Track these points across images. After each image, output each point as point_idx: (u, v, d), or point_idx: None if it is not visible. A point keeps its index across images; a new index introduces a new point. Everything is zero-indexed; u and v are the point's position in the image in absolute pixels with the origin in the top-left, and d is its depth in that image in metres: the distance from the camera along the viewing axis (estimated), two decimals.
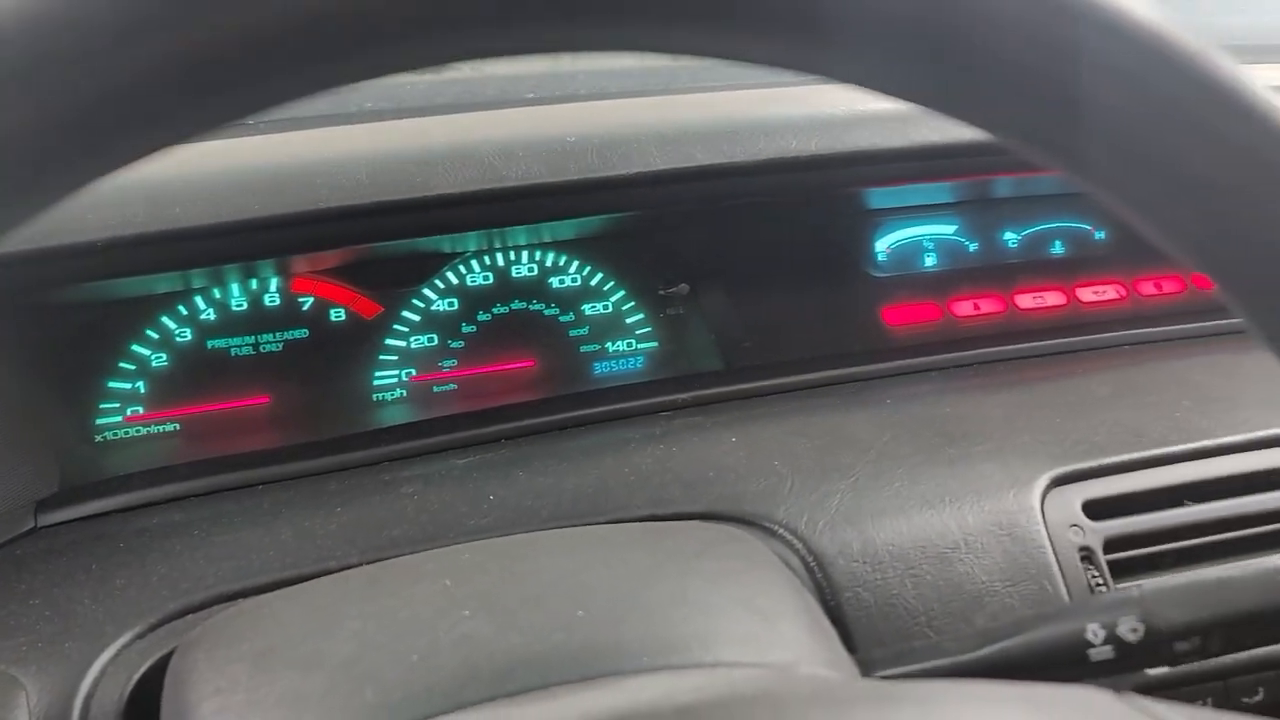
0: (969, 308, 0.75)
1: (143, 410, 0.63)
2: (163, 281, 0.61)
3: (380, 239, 0.59)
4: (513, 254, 0.67)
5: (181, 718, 0.37)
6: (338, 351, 0.65)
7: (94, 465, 0.60)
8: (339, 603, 0.40)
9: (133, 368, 0.62)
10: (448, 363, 0.67)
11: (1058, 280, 0.77)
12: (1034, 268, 0.77)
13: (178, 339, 0.63)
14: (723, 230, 0.69)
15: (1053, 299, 0.77)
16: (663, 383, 0.67)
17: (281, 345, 0.64)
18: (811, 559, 0.49)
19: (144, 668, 0.42)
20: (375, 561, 0.45)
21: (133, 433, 0.62)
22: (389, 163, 0.55)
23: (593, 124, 0.60)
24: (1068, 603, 0.47)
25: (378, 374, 0.66)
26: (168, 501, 0.54)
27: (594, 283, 0.69)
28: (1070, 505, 0.53)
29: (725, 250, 0.69)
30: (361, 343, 0.65)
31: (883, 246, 0.75)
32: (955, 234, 0.77)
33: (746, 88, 0.68)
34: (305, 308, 0.64)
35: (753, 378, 0.67)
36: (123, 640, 0.43)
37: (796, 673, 0.35)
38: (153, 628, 0.44)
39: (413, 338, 0.66)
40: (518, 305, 0.68)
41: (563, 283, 0.68)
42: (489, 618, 0.38)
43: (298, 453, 0.59)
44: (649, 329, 0.70)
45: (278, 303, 0.64)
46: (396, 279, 0.65)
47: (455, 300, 0.67)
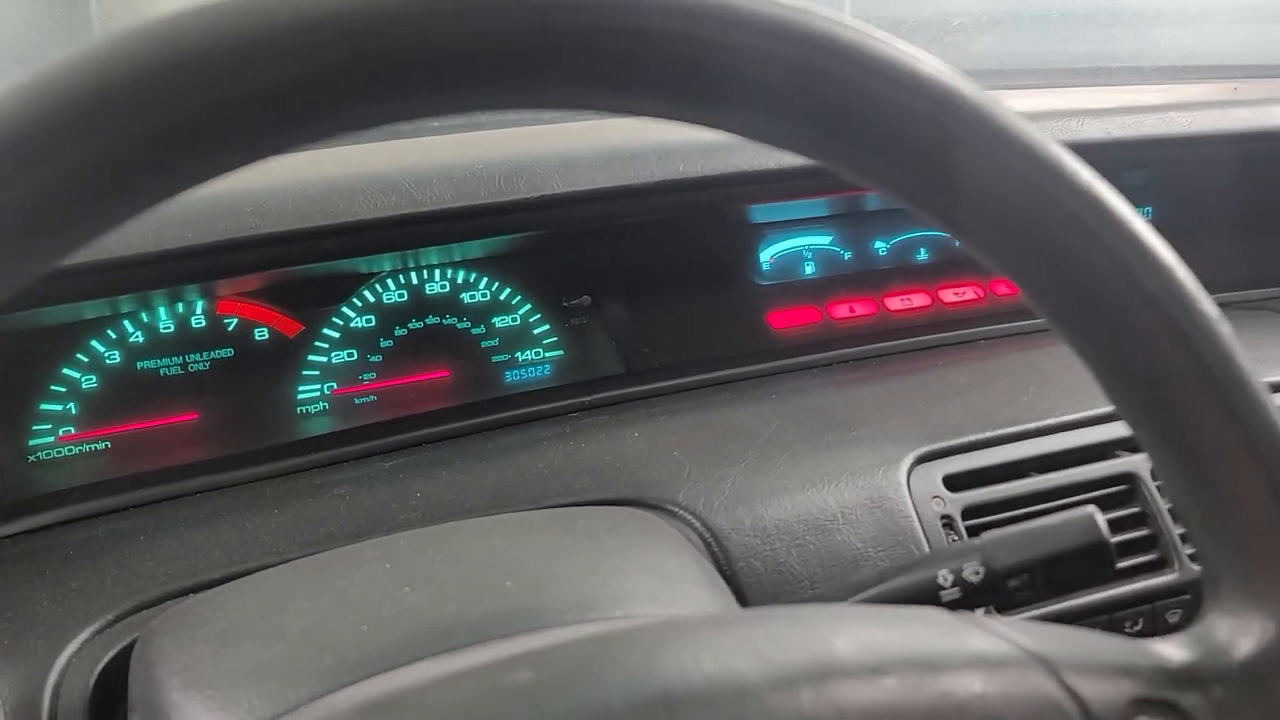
0: (845, 310, 0.83)
1: (74, 430, 0.66)
2: (92, 307, 0.64)
3: (303, 262, 0.64)
4: (426, 273, 0.72)
5: (151, 695, 0.41)
6: (262, 368, 0.69)
7: (30, 483, 0.63)
8: (290, 587, 0.45)
9: (63, 390, 0.65)
10: (367, 375, 0.72)
11: (922, 283, 0.85)
12: (902, 272, 0.85)
13: (107, 361, 0.66)
14: (621, 246, 0.75)
15: (918, 300, 0.85)
16: (570, 386, 0.73)
17: (208, 364, 0.68)
18: (709, 534, 0.56)
19: (107, 658, 0.46)
20: (315, 554, 0.50)
21: (65, 452, 0.65)
22: (312, 191, 0.60)
23: (499, 152, 0.66)
24: (925, 554, 0.54)
25: (301, 388, 0.70)
26: (111, 512, 0.58)
27: (503, 297, 0.74)
28: (932, 480, 0.61)
29: (623, 264, 0.75)
30: (285, 359, 0.70)
31: (767, 257, 0.83)
32: (831, 244, 0.85)
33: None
34: (230, 328, 0.68)
35: (652, 379, 0.73)
36: (84, 635, 0.47)
37: None
38: (111, 623, 0.48)
39: (333, 353, 0.71)
40: (432, 320, 0.73)
41: (474, 298, 0.73)
42: (428, 592, 0.43)
43: (232, 462, 0.63)
44: (555, 338, 0.76)
45: (204, 324, 0.67)
46: (317, 299, 0.70)
47: (373, 317, 0.71)
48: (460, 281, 0.73)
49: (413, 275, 0.72)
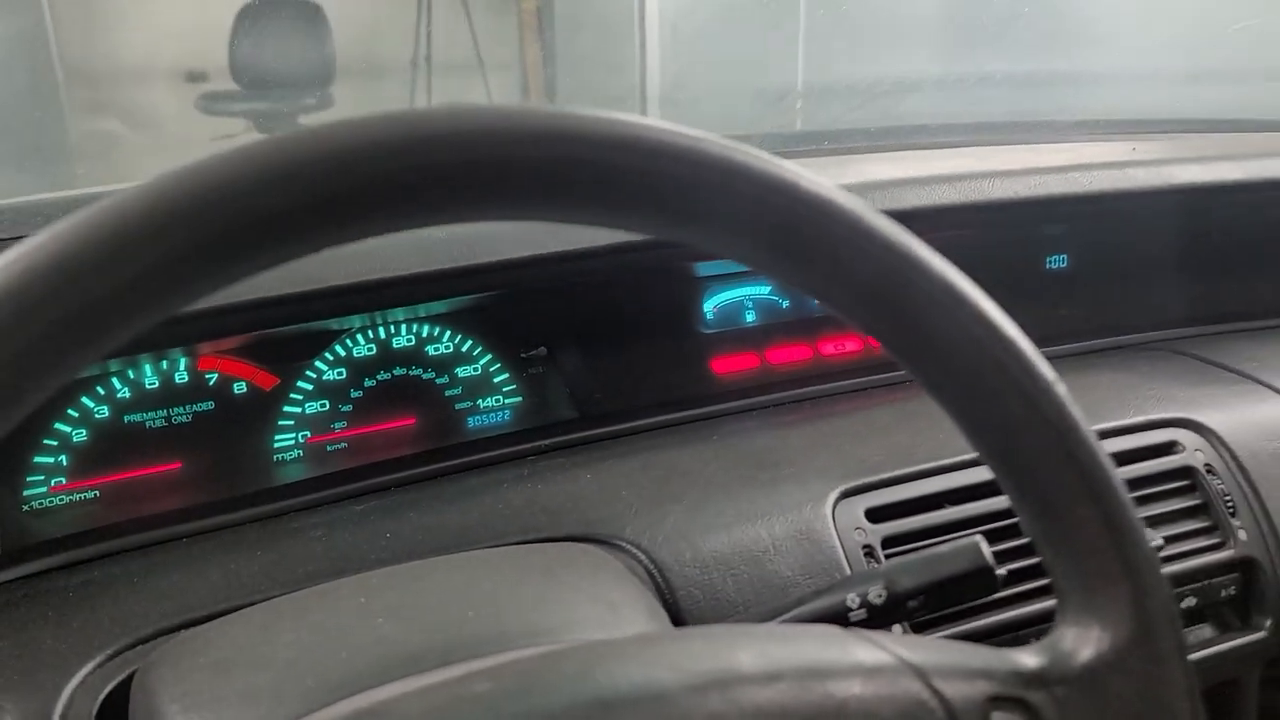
0: (782, 355, 0.90)
1: (65, 480, 0.71)
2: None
3: (284, 324, 0.69)
4: (393, 328, 0.78)
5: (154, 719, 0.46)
6: (241, 420, 0.74)
7: (26, 532, 0.68)
8: (274, 621, 0.50)
9: (55, 443, 0.70)
10: (339, 424, 0.77)
11: (854, 330, 0.93)
12: (835, 320, 0.92)
13: (96, 416, 0.71)
14: (575, 301, 0.81)
15: (850, 345, 0.92)
16: (528, 432, 0.79)
17: (190, 417, 0.73)
18: (653, 566, 0.62)
19: (108, 689, 0.51)
20: (296, 592, 0.55)
21: (58, 501, 0.70)
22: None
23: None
24: (835, 579, 0.61)
25: (277, 438, 0.75)
26: (104, 557, 0.63)
27: (465, 349, 0.80)
28: (855, 513, 0.68)
29: (577, 318, 0.82)
30: (262, 411, 0.75)
31: (710, 307, 0.89)
32: (770, 294, 0.91)
33: None
34: (211, 383, 0.73)
35: (603, 424, 0.79)
36: (87, 669, 0.52)
37: None
38: (111, 657, 0.53)
39: (307, 404, 0.76)
40: (399, 371, 0.79)
41: (437, 350, 0.79)
42: (398, 622, 0.49)
43: (215, 508, 0.68)
44: (514, 386, 0.82)
45: (186, 380, 0.73)
46: (293, 353, 0.75)
47: (344, 370, 0.77)
48: (425, 335, 0.79)
49: (381, 330, 0.77)
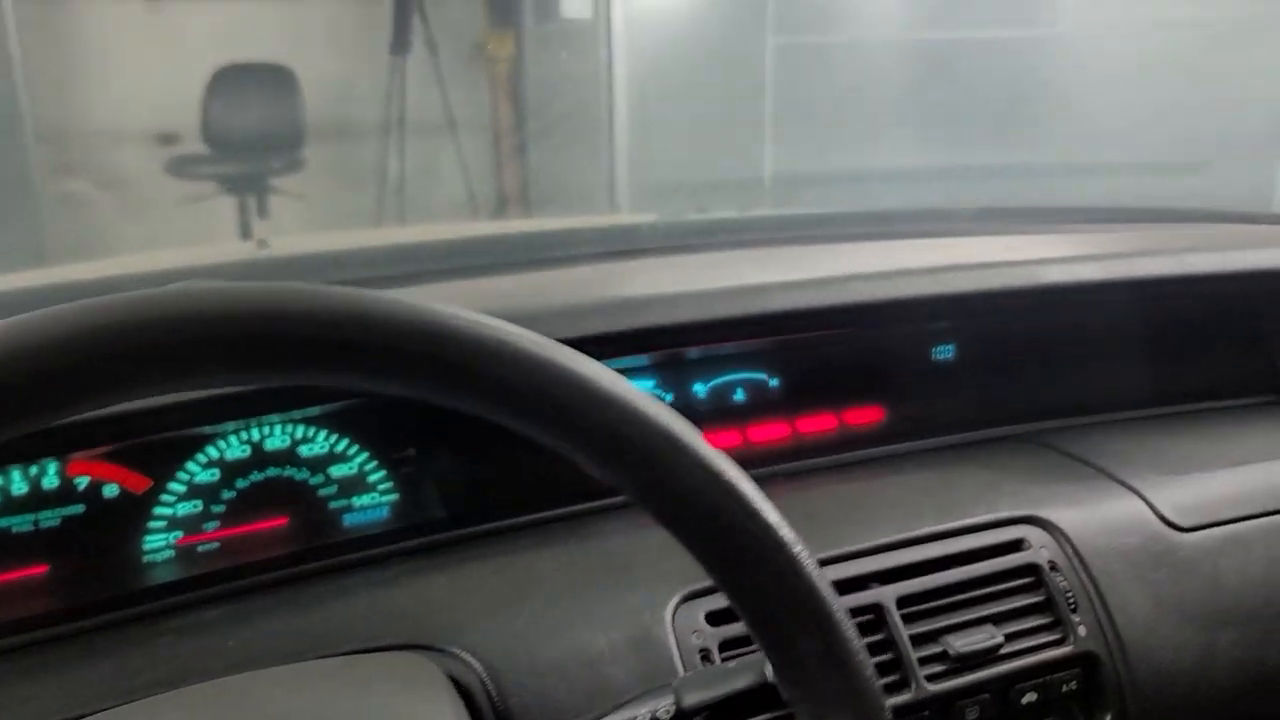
0: None
1: None
2: None
3: (152, 432, 0.72)
4: (267, 429, 0.80)
5: None
6: (111, 522, 0.76)
7: None
8: None
9: None
10: (210, 525, 0.79)
11: (734, 424, 0.95)
12: (718, 414, 0.95)
13: None
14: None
15: (728, 440, 0.95)
16: (399, 531, 0.82)
17: (59, 520, 0.75)
18: (486, 675, 0.64)
19: None
20: (125, 704, 0.57)
21: None
22: None
23: None
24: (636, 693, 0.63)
25: (147, 539, 0.77)
26: None
27: (339, 449, 0.82)
28: (695, 616, 0.70)
29: (449, 416, 0.84)
30: (133, 513, 0.77)
31: None
32: (654, 388, 0.94)
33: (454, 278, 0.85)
34: (81, 487, 0.76)
35: (469, 524, 0.82)
36: None
37: None
38: None
39: (179, 506, 0.78)
40: (273, 472, 0.81)
41: (311, 450, 0.82)
42: None
43: (79, 613, 0.70)
44: (390, 484, 0.84)
45: (56, 484, 0.75)
46: (165, 457, 0.78)
47: (217, 471, 0.79)
48: (298, 436, 0.81)
49: (255, 431, 0.80)
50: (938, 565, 0.77)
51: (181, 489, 0.78)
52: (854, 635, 0.42)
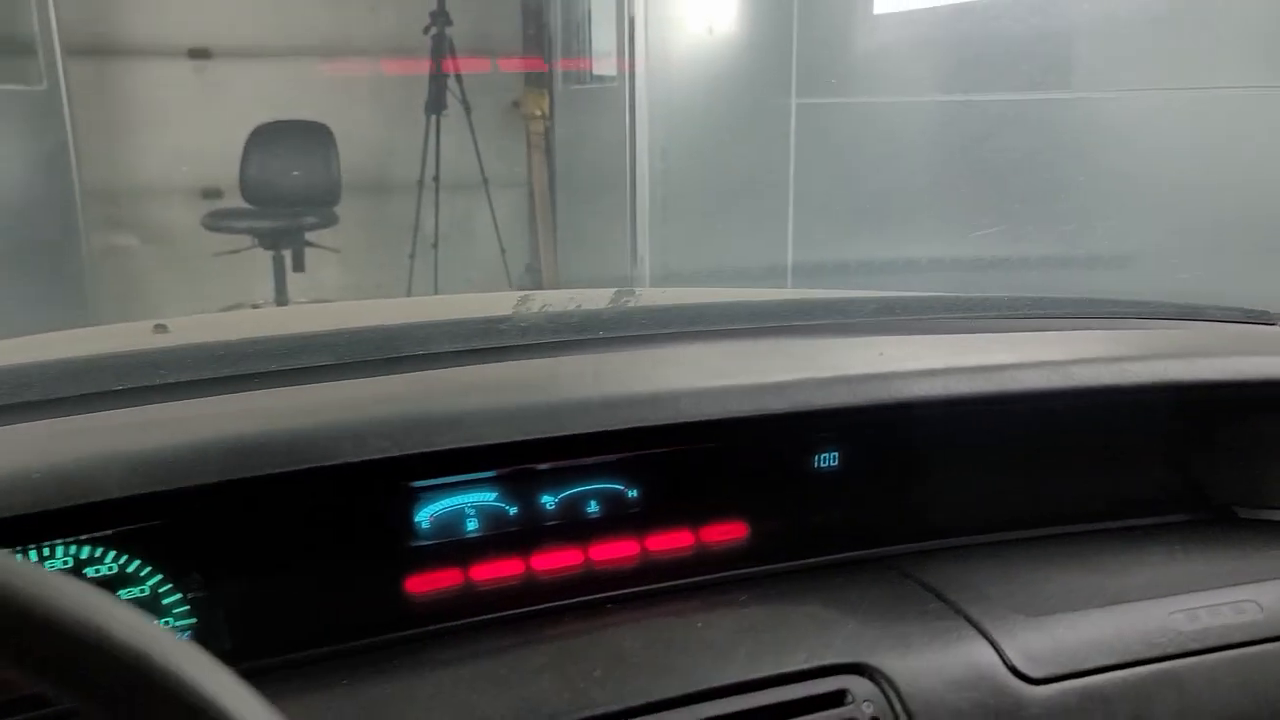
0: (490, 571, 0.87)
1: None
2: None
3: None
4: (46, 549, 0.77)
5: None
6: None
7: None
8: None
9: None
10: None
11: (577, 543, 0.90)
12: (561, 531, 0.90)
13: None
14: (237, 525, 0.80)
15: (569, 559, 0.89)
16: None
17: None
18: None
19: None
20: None
21: None
22: None
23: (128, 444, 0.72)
24: None
25: None
26: None
27: (130, 570, 0.79)
28: None
29: (241, 541, 0.80)
30: None
31: (426, 516, 0.87)
32: (496, 500, 0.89)
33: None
34: None
35: (258, 655, 0.77)
36: None
37: None
38: None
39: None
40: None
41: (99, 571, 0.78)
42: None
43: None
44: (185, 608, 0.80)
45: None
46: None
47: None
48: (84, 557, 0.78)
49: (31, 554, 0.77)
50: None
51: None
52: None
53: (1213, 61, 3.01)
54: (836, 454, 0.96)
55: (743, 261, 4.25)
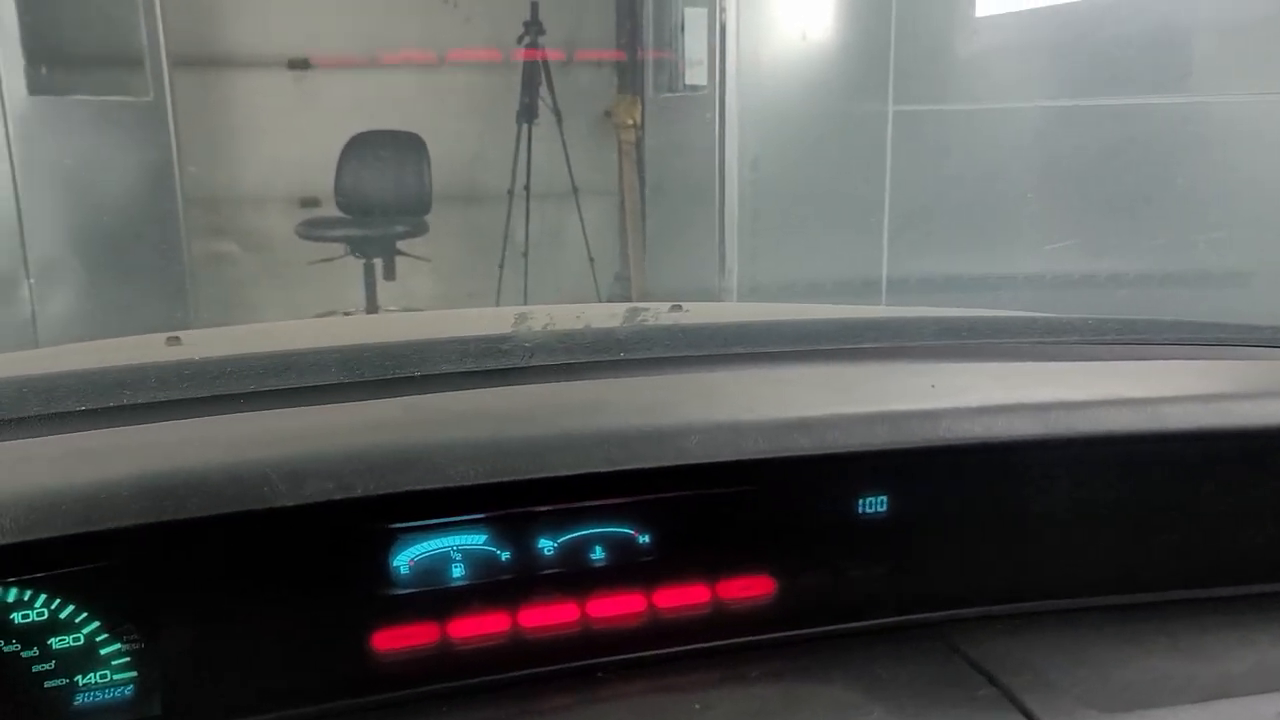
0: (470, 628, 0.77)
1: None
2: None
3: None
4: None
5: None
6: None
7: None
8: None
9: None
10: None
11: (575, 596, 0.79)
12: (547, 580, 0.79)
13: None
14: (183, 569, 0.71)
15: (563, 616, 0.78)
16: None
17: None
18: None
19: None
20: None
21: None
22: None
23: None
24: None
25: None
26: None
27: (63, 616, 0.71)
28: None
29: (187, 587, 0.72)
30: None
31: (404, 561, 0.78)
32: (485, 544, 0.79)
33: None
34: None
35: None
36: None
37: None
38: None
39: None
40: None
41: (28, 617, 0.70)
42: None
43: None
44: (124, 659, 0.72)
45: None
46: None
47: None
48: (11, 600, 0.70)
49: None
50: None
51: None
52: None
53: None
54: (884, 500, 0.83)
55: (835, 274, 4.11)
